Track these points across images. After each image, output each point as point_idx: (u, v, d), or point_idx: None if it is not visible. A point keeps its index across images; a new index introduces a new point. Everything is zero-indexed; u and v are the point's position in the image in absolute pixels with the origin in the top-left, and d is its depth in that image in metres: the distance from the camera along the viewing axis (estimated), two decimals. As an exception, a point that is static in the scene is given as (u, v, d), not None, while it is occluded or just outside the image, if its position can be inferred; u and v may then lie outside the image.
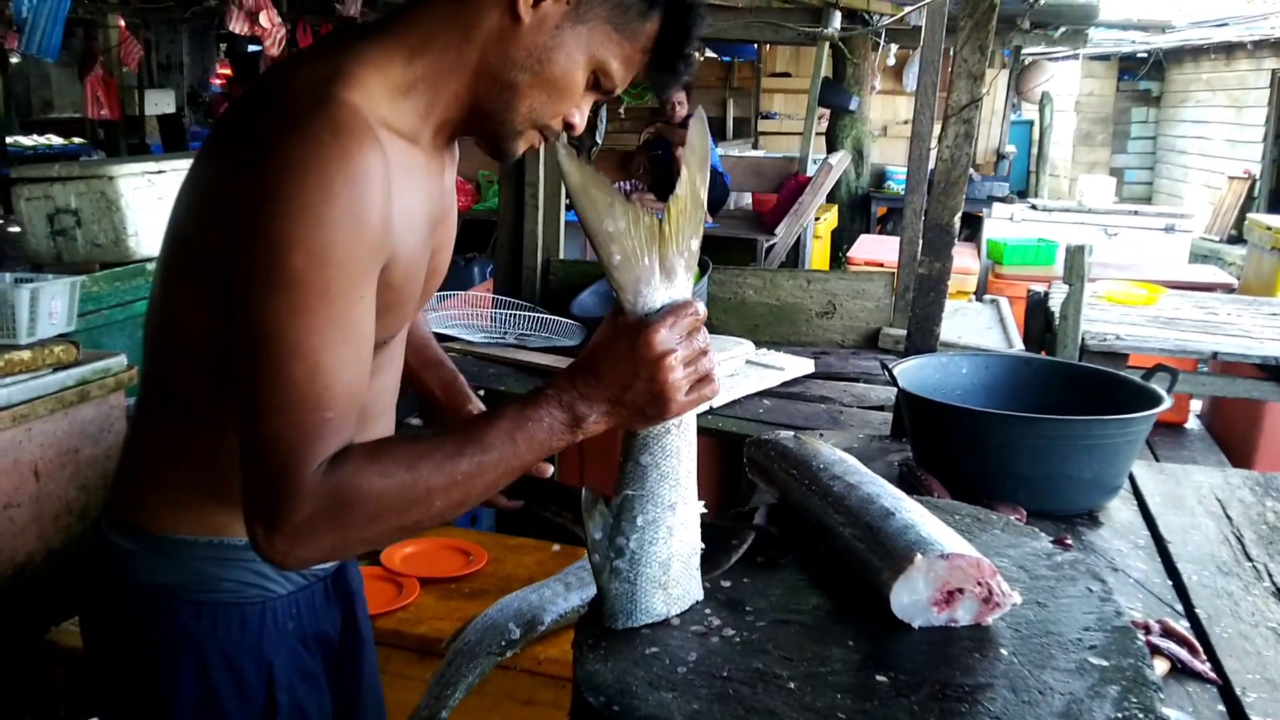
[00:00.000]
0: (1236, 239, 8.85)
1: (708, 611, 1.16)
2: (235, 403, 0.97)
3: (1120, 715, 0.95)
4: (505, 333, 3.00)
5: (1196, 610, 1.40)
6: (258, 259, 0.93)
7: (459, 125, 1.12)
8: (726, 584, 1.21)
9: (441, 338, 3.05)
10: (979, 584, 1.10)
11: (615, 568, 1.08)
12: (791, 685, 1.00)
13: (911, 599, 1.10)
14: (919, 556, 1.09)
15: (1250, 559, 1.57)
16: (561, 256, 3.40)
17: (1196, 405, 4.58)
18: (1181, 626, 1.35)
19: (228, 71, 10.90)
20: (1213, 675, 1.24)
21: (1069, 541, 1.32)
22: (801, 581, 1.21)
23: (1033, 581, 1.21)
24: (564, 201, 3.38)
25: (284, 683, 1.16)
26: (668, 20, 1.09)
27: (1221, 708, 1.20)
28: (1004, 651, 1.06)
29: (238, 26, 5.08)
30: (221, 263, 0.98)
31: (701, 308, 1.06)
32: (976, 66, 1.97)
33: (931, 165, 2.38)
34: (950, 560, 1.09)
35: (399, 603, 2.17)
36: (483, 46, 1.05)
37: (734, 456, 1.73)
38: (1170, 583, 1.50)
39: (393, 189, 0.99)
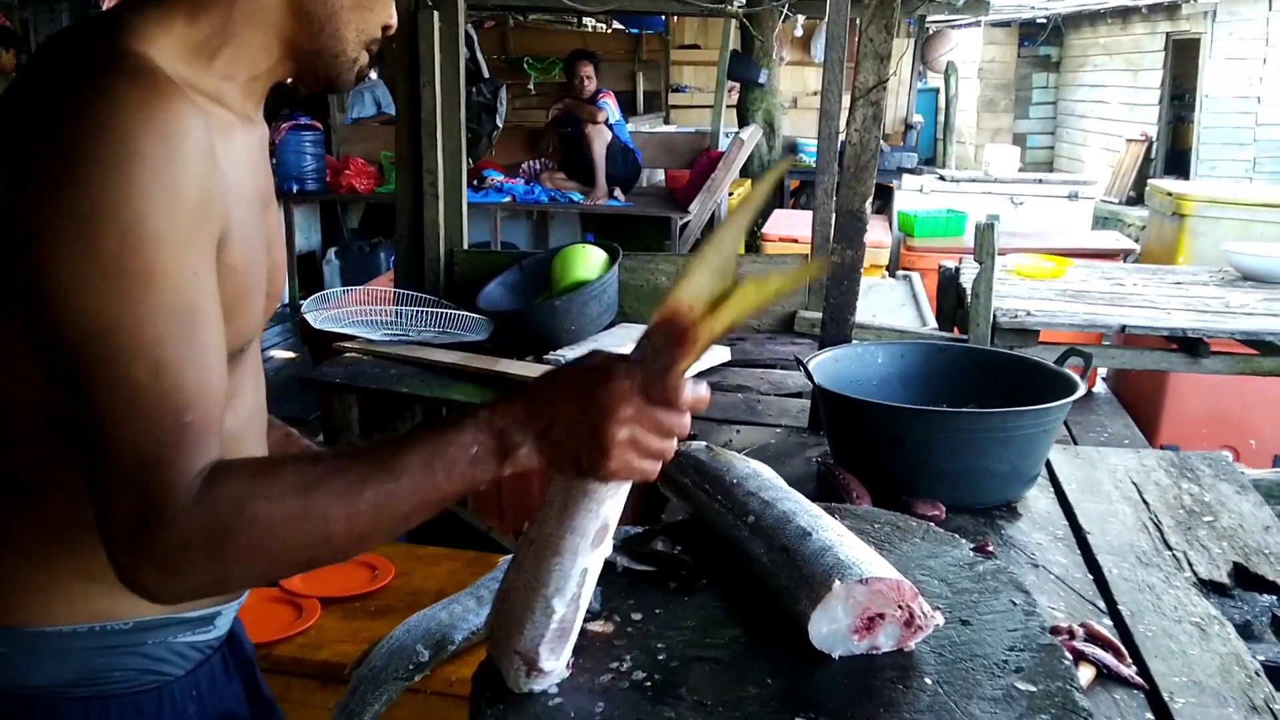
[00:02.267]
0: (1135, 200, 9.07)
1: (618, 646, 1.08)
2: (84, 455, 0.82)
3: (1051, 750, 0.90)
4: (408, 329, 2.88)
5: (1119, 607, 1.38)
6: (61, 250, 0.78)
7: (272, 77, 0.98)
8: (638, 616, 1.13)
9: (339, 337, 2.91)
10: (900, 607, 1.04)
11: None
12: (706, 735, 0.93)
13: (831, 628, 1.03)
14: (837, 583, 1.02)
15: (1170, 547, 1.55)
16: (465, 246, 3.27)
17: (1104, 369, 4.66)
18: (1105, 627, 1.32)
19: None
20: (1139, 680, 1.21)
21: (990, 548, 1.28)
22: (717, 609, 1.15)
23: (955, 597, 1.15)
24: (464, 186, 3.25)
25: None
26: None
27: (1150, 716, 1.16)
28: (928, 681, 1.01)
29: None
30: (14, 276, 0.82)
31: (704, 392, 0.91)
32: (883, 46, 1.90)
33: (842, 138, 2.32)
34: (870, 585, 1.03)
35: (298, 626, 2.05)
36: None
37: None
38: (1091, 577, 1.48)
39: (215, 150, 0.85)
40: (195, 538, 0.80)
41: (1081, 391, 1.65)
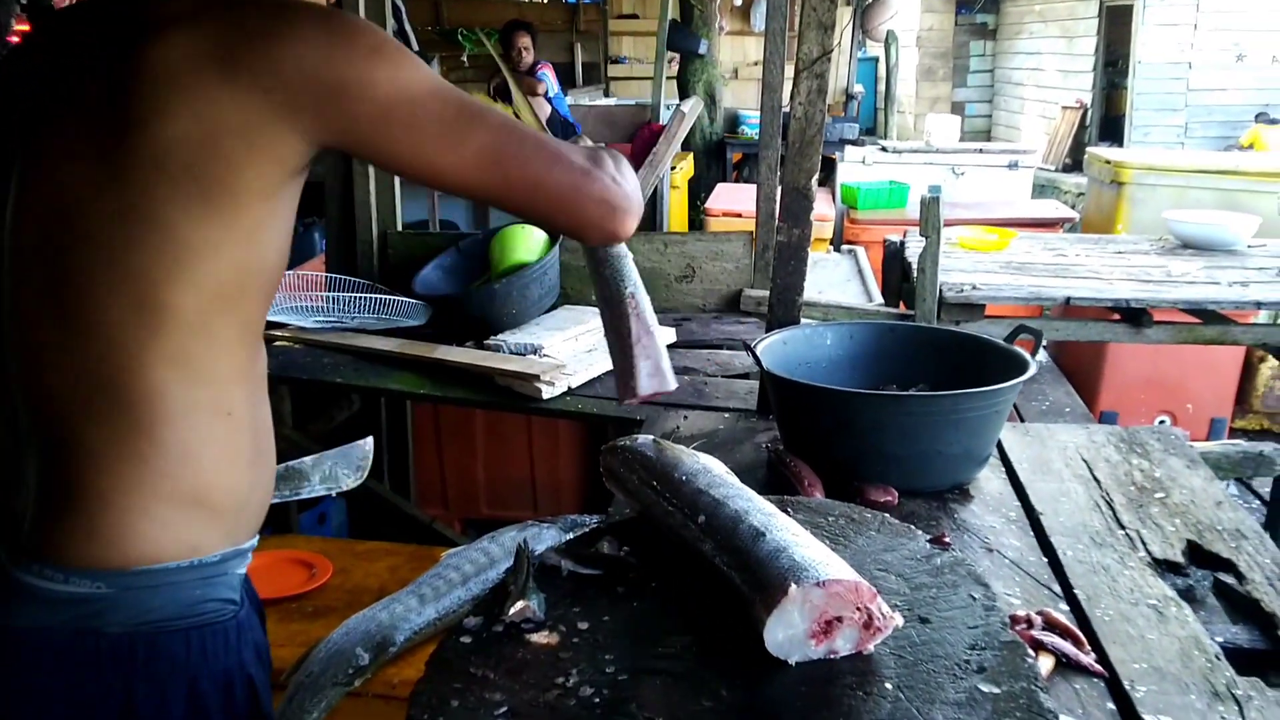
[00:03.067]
0: (1071, 167, 9.16)
1: (564, 659, 1.03)
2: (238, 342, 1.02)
3: (1018, 758, 0.87)
4: (342, 316, 2.77)
5: (1075, 591, 1.35)
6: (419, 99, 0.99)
7: None
8: (584, 625, 1.08)
9: (270, 325, 2.80)
10: (858, 609, 1.00)
11: None
12: (659, 756, 0.88)
13: (787, 634, 0.99)
14: (793, 587, 0.97)
15: (1123, 526, 1.53)
16: (400, 227, 3.16)
17: (1045, 338, 4.70)
18: (1062, 613, 1.30)
19: (26, 28, 9.96)
20: (1099, 668, 1.19)
21: (947, 539, 1.24)
22: (668, 615, 1.09)
23: (914, 593, 1.12)
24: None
25: (264, 695, 1.15)
26: None
27: (1111, 705, 1.14)
28: (889, 686, 0.97)
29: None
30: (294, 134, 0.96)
31: None
32: (826, 15, 1.84)
33: (785, 109, 2.26)
34: (827, 588, 0.98)
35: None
36: None
37: (598, 443, 1.60)
38: (1046, 560, 1.45)
39: None
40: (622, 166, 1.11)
41: (1033, 370, 1.62)
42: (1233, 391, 4.49)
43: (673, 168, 6.44)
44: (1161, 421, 4.53)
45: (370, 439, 2.17)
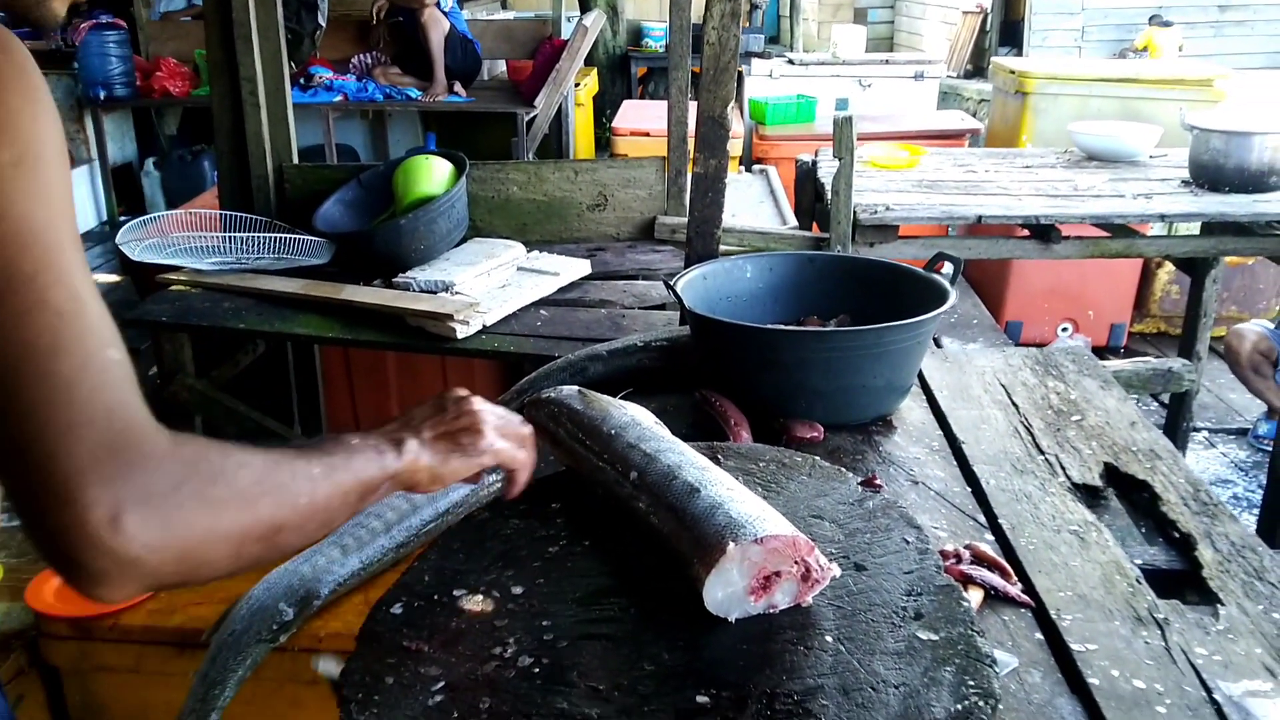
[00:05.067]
0: (972, 74, 9.24)
1: (500, 627, 1.00)
2: None
3: (960, 707, 0.87)
4: (240, 256, 2.64)
5: (999, 521, 1.37)
6: None
7: None
8: (518, 590, 1.05)
9: (163, 269, 2.66)
10: (796, 563, 0.99)
11: None
12: (603, 727, 0.86)
13: (726, 592, 0.98)
14: (731, 545, 0.96)
15: (1042, 451, 1.56)
16: (297, 159, 3.00)
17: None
18: (987, 543, 1.32)
19: None
20: (1026, 599, 1.21)
21: (877, 480, 1.24)
22: (604, 576, 1.07)
23: (848, 540, 1.11)
24: (289, 93, 2.97)
25: None
26: None
27: (1040, 635, 1.16)
28: (829, 639, 0.96)
29: None
30: None
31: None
32: (736, -66, 1.77)
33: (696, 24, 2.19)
34: (765, 544, 0.97)
35: (144, 592, 1.89)
36: None
37: (515, 381, 1.56)
38: (970, 490, 1.47)
39: None
40: (184, 476, 0.69)
41: (954, 300, 1.62)
42: (1131, 298, 4.63)
43: (576, 84, 6.29)
44: (1064, 329, 4.67)
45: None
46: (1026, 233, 2.97)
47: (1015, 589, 1.22)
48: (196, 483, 0.69)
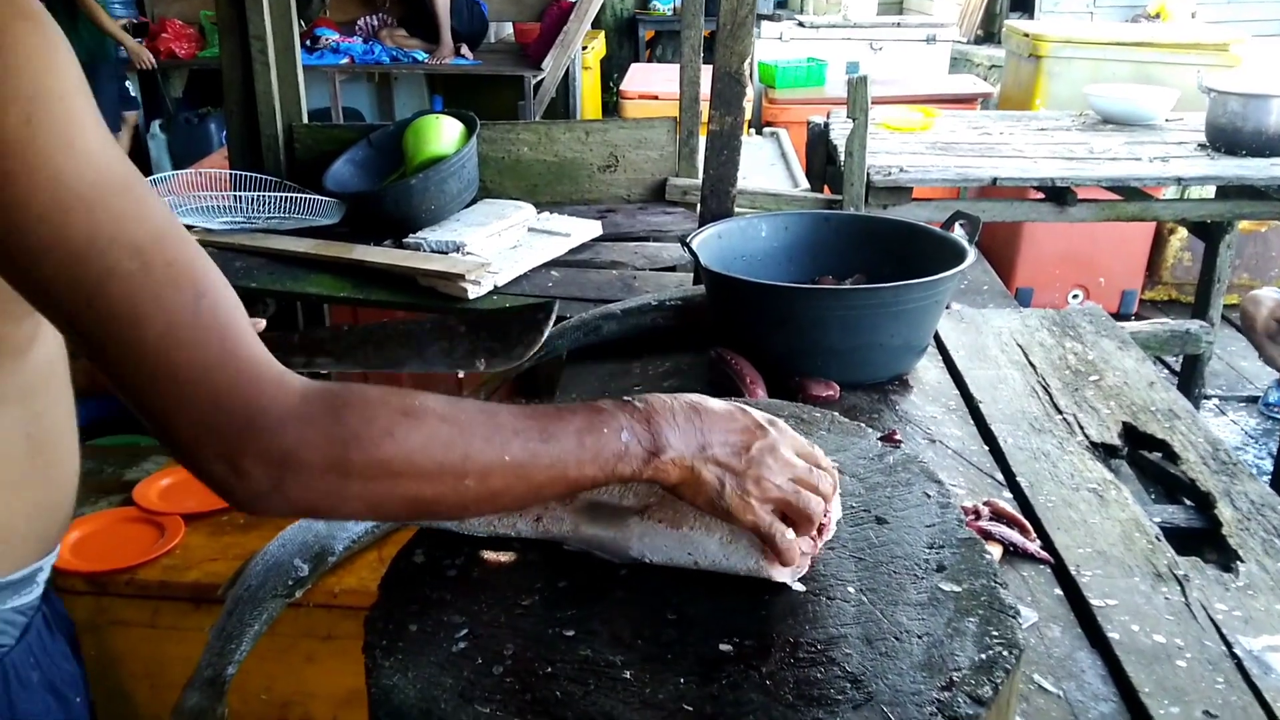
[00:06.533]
0: (983, 39, 9.14)
1: (522, 577, 1.00)
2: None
3: (984, 656, 0.87)
4: (250, 216, 2.63)
5: (1018, 479, 1.37)
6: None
7: None
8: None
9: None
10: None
11: None
12: (628, 675, 0.86)
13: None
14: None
15: (1060, 411, 1.56)
16: (305, 120, 2.98)
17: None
18: (1006, 500, 1.31)
19: None
20: (1045, 555, 1.21)
21: (897, 436, 1.23)
22: (622, 527, 1.07)
23: (868, 494, 1.11)
24: (298, 52, 2.94)
25: None
26: None
27: (1059, 591, 1.16)
28: (851, 590, 0.96)
29: None
30: None
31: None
32: (754, -113, 1.74)
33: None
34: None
35: (162, 547, 1.91)
36: None
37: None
38: (987, 448, 1.47)
39: None
40: (317, 434, 0.67)
41: (972, 259, 1.61)
42: (1143, 264, 4.61)
43: (584, 47, 6.23)
44: (1075, 296, 4.65)
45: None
46: (1041, 195, 2.95)
47: (1034, 545, 1.22)
48: (328, 448, 0.67)
